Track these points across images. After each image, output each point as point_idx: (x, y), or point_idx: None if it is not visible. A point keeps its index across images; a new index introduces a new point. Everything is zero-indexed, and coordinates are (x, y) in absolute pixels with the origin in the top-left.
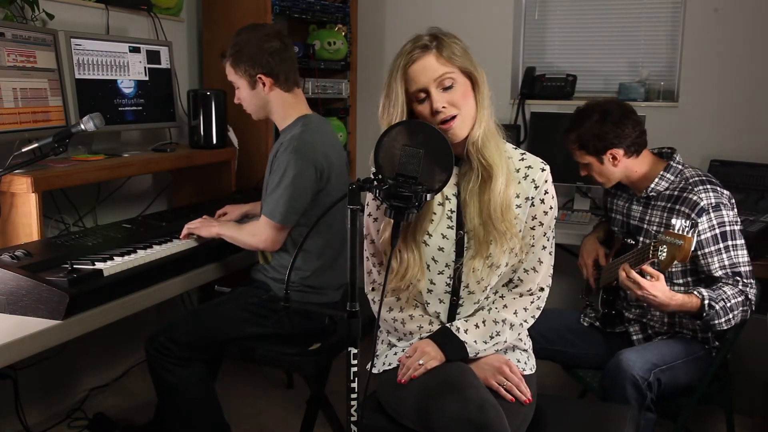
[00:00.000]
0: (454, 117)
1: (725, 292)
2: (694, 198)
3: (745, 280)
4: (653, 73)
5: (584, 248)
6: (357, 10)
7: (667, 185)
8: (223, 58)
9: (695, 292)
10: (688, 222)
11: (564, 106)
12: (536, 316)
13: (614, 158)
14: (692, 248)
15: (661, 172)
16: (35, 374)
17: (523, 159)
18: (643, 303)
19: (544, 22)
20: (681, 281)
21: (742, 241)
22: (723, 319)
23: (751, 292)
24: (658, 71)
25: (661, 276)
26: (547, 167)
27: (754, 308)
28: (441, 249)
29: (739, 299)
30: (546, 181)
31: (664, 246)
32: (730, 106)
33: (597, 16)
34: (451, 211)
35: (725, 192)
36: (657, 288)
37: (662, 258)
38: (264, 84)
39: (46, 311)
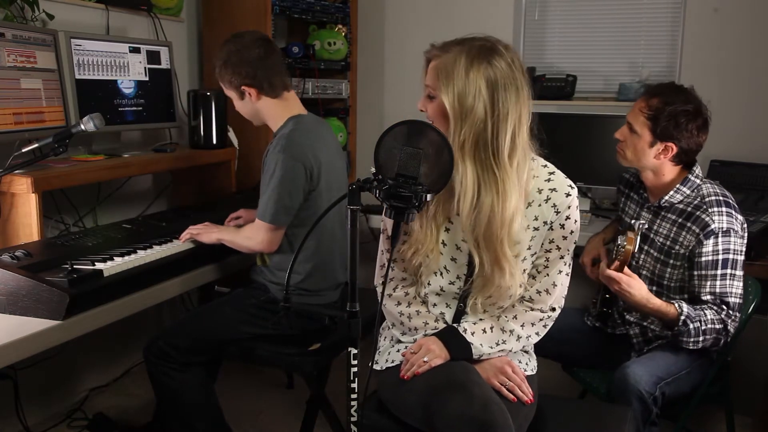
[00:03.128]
0: None
1: (705, 315)
2: (707, 219)
3: (730, 311)
4: (653, 73)
5: (586, 248)
6: (357, 10)
7: (681, 198)
8: (214, 71)
9: (676, 304)
10: (635, 226)
11: (564, 106)
12: (541, 334)
13: (665, 152)
14: (634, 249)
15: (678, 185)
16: (35, 374)
17: (549, 180)
18: (622, 300)
19: (544, 22)
20: (678, 297)
21: (741, 273)
22: (692, 339)
23: (732, 325)
24: (658, 71)
25: (636, 276)
26: (574, 191)
27: (729, 339)
28: (454, 260)
29: (717, 327)
30: (569, 207)
31: (622, 248)
32: (730, 106)
33: (597, 16)
34: None
35: (740, 217)
36: (633, 286)
37: (619, 258)
38: (250, 94)
39: (46, 311)
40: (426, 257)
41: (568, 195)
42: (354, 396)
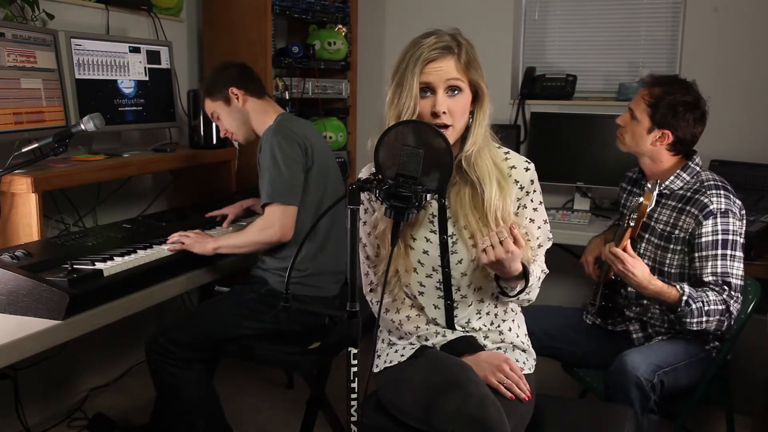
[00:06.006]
0: (447, 127)
1: (707, 296)
2: (705, 200)
3: (732, 292)
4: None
5: (588, 247)
6: (357, 10)
7: (681, 185)
8: (200, 101)
9: (677, 286)
10: (652, 185)
11: (564, 106)
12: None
13: (662, 139)
14: (651, 204)
15: (678, 171)
16: (35, 374)
17: (507, 159)
18: (624, 280)
19: (544, 22)
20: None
21: (741, 255)
22: (695, 320)
23: (734, 306)
24: (658, 71)
25: (638, 258)
26: (532, 165)
27: (733, 321)
28: (426, 252)
29: (720, 307)
30: (532, 181)
31: (633, 213)
32: (730, 106)
33: (597, 16)
34: (433, 215)
35: (738, 201)
36: (636, 266)
37: (632, 224)
38: (237, 97)
39: (46, 311)
40: (400, 266)
41: (527, 170)
42: (354, 396)
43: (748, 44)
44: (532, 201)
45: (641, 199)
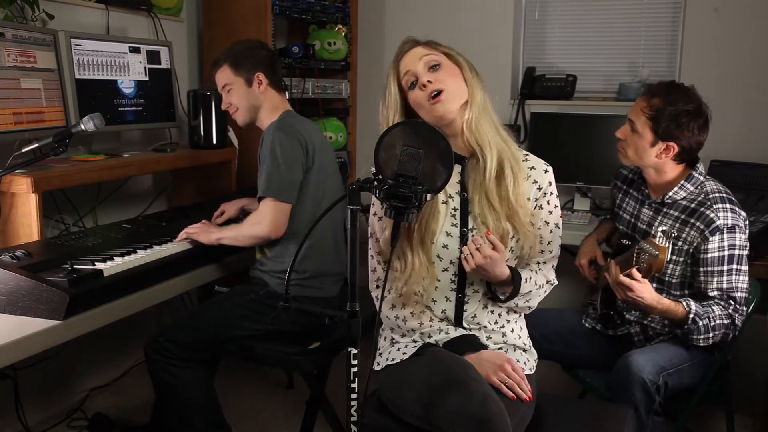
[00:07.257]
0: (441, 92)
1: (713, 311)
2: (711, 215)
3: (737, 306)
4: (653, 73)
5: (581, 249)
6: (357, 10)
7: (684, 195)
8: (215, 66)
9: (684, 303)
10: (666, 233)
11: (564, 106)
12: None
13: (666, 151)
14: (667, 258)
15: (682, 182)
16: (35, 374)
17: (526, 160)
18: (631, 304)
19: (544, 22)
20: (678, 293)
21: (746, 268)
22: (702, 336)
23: (739, 319)
24: (658, 71)
25: (646, 281)
26: (550, 168)
27: (738, 333)
28: (446, 246)
29: (725, 321)
30: (550, 183)
31: (645, 255)
32: (729, 106)
33: (597, 16)
34: (455, 209)
35: (743, 213)
36: (644, 291)
37: (642, 266)
38: (260, 83)
39: (46, 311)
40: (422, 280)
41: (546, 171)
42: (354, 396)
43: (748, 44)
44: (548, 203)
45: (657, 251)
